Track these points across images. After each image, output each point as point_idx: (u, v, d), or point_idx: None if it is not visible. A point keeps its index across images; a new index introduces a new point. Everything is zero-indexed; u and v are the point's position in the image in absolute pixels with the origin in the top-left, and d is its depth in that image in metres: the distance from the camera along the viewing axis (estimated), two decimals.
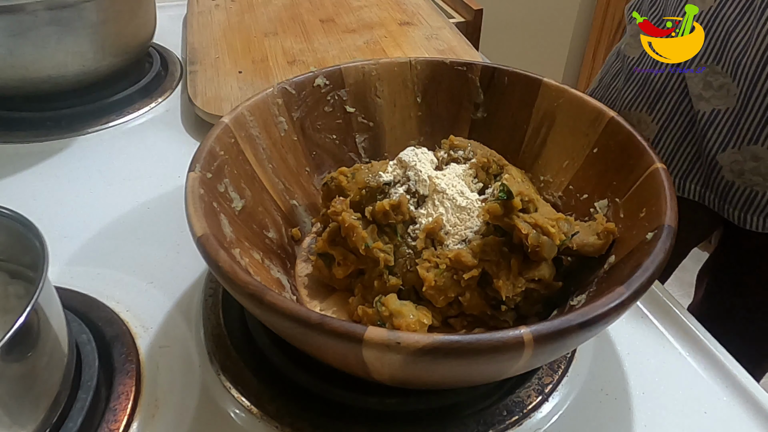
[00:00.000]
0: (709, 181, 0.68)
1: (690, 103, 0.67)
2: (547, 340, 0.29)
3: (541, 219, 0.40)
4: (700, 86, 0.64)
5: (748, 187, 0.64)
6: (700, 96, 0.65)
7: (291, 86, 0.51)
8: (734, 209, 0.66)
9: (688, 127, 0.68)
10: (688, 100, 0.67)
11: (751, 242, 0.73)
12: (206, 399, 0.41)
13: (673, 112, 0.69)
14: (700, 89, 0.64)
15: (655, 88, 0.70)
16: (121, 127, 0.70)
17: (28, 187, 0.60)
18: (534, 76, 0.52)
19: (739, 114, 0.62)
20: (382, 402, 0.40)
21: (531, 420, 0.40)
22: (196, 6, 0.95)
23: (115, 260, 0.52)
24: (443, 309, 0.42)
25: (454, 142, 0.49)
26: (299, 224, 0.50)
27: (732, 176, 0.65)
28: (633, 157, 0.43)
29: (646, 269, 0.33)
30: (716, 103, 0.63)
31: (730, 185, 0.66)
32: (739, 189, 0.65)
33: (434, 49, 0.81)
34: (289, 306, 0.31)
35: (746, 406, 0.42)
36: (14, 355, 0.31)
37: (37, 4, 0.61)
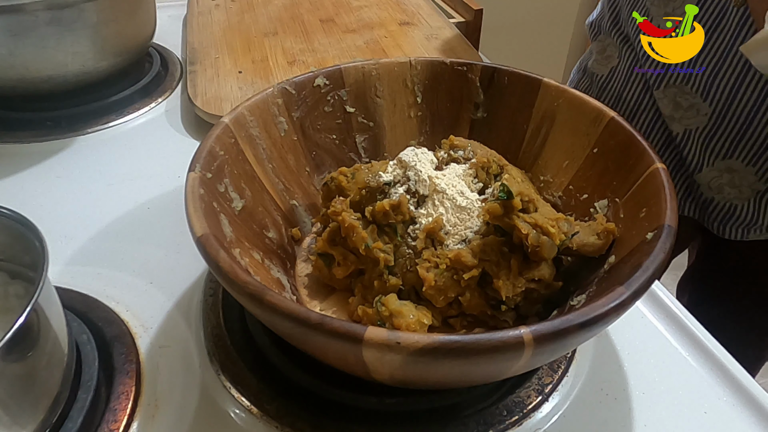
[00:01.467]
0: (690, 193, 0.68)
1: (665, 121, 0.67)
2: (547, 340, 0.29)
3: (541, 219, 0.40)
4: (670, 107, 0.65)
5: (728, 202, 0.65)
6: (671, 117, 0.65)
7: (291, 86, 0.51)
8: (714, 221, 0.67)
9: (665, 144, 0.68)
10: (663, 119, 0.67)
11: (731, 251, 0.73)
12: (206, 399, 0.41)
13: (648, 130, 0.69)
14: (670, 110, 0.65)
15: (630, 107, 0.70)
16: (121, 127, 0.70)
17: (28, 187, 0.60)
18: (534, 76, 0.52)
19: (712, 131, 0.62)
20: (382, 402, 0.40)
21: (531, 420, 0.40)
22: (196, 6, 0.95)
23: (115, 260, 0.52)
24: (443, 309, 0.42)
25: (454, 142, 0.49)
26: (299, 224, 0.50)
27: (711, 193, 0.65)
28: (633, 157, 0.43)
29: (646, 269, 0.33)
30: (687, 123, 0.64)
31: (709, 201, 0.66)
32: (719, 204, 0.66)
33: (434, 49, 0.81)
34: (289, 306, 0.31)
35: (746, 406, 0.42)
36: (14, 355, 0.31)
37: (37, 4, 0.61)
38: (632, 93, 0.69)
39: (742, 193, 0.63)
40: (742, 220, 0.65)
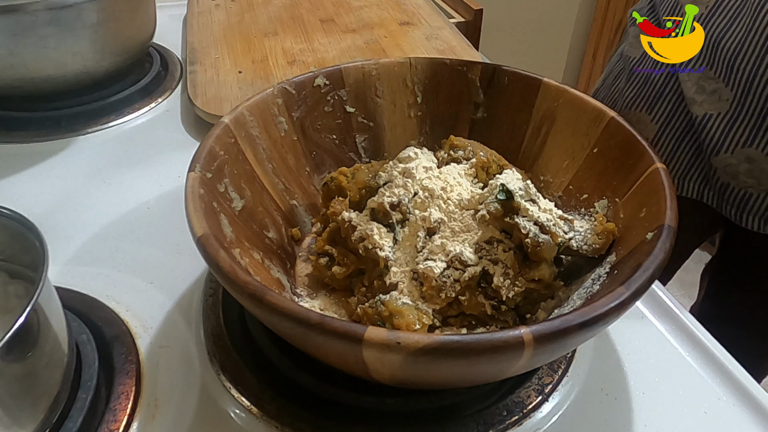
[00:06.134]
0: (708, 181, 0.68)
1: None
2: (547, 340, 0.29)
3: (541, 218, 0.40)
4: (693, 90, 0.65)
5: (743, 188, 0.64)
6: (693, 100, 0.65)
7: (291, 86, 0.51)
8: (731, 207, 0.66)
9: (687, 127, 0.68)
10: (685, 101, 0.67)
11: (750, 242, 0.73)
12: (206, 399, 0.41)
13: (672, 113, 0.69)
14: (693, 93, 0.65)
15: (655, 89, 0.70)
16: (121, 127, 0.70)
17: (28, 187, 0.60)
18: (534, 76, 0.52)
19: (733, 118, 0.62)
20: (382, 402, 0.40)
21: (531, 420, 0.40)
22: (196, 6, 0.95)
23: (115, 260, 0.52)
24: (443, 309, 0.42)
25: (454, 142, 0.49)
26: (299, 224, 0.50)
27: (727, 178, 0.65)
28: (633, 157, 0.43)
29: (646, 269, 0.33)
30: (708, 108, 0.64)
31: (725, 186, 0.66)
32: (734, 190, 0.65)
33: (434, 49, 0.81)
34: (289, 306, 0.31)
35: (746, 406, 0.42)
36: (14, 355, 0.31)
37: (37, 4, 0.61)
38: (659, 75, 0.70)
39: (761, 184, 0.63)
40: (757, 209, 0.65)
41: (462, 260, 0.40)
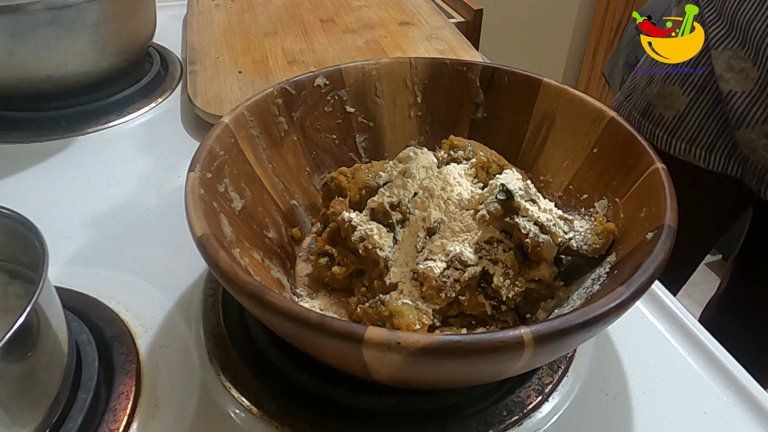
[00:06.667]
0: (732, 153, 0.70)
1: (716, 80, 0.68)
2: (547, 340, 0.29)
3: (541, 218, 0.40)
4: (723, 67, 0.67)
5: (761, 163, 0.67)
6: (721, 76, 0.67)
7: (291, 86, 0.51)
8: (753, 179, 0.69)
9: (716, 101, 0.70)
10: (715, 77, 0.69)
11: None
12: (206, 399, 0.41)
13: (702, 87, 0.71)
14: (722, 69, 0.67)
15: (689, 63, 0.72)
16: (121, 127, 0.70)
17: (28, 187, 0.60)
18: (534, 76, 0.52)
19: (756, 97, 0.64)
20: (382, 402, 0.40)
21: (531, 420, 0.40)
22: (196, 6, 0.95)
23: (115, 260, 0.52)
24: (443, 309, 0.42)
25: (454, 142, 0.49)
26: (299, 224, 0.50)
27: (747, 152, 0.67)
28: (633, 157, 0.43)
29: (646, 269, 0.33)
30: (735, 85, 0.66)
31: (746, 158, 0.68)
32: (753, 164, 0.68)
33: (434, 49, 0.81)
34: (289, 306, 0.31)
35: (746, 406, 0.42)
36: (14, 355, 0.31)
37: (37, 4, 0.61)
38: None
39: None
40: None
41: (462, 260, 0.40)
